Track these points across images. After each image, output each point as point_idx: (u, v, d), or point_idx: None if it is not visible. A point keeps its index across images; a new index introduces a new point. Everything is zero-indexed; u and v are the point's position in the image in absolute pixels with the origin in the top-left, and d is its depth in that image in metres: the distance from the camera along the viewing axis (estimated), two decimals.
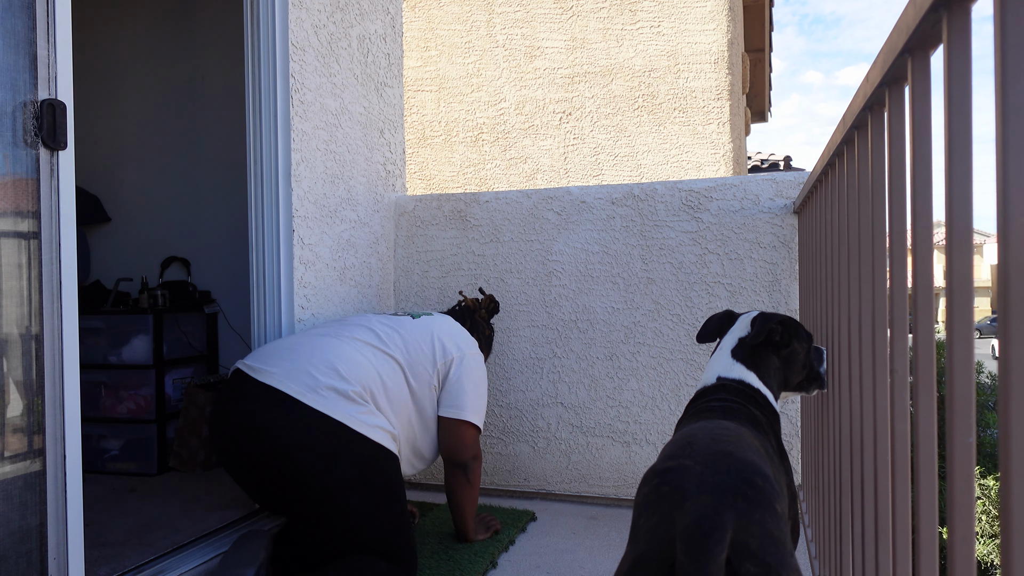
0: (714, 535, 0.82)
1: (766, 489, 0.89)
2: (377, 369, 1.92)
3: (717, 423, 1.12)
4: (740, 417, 1.23)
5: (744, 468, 0.91)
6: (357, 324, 2.06)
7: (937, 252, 3.66)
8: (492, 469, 2.73)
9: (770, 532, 0.84)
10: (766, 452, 1.09)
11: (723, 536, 0.82)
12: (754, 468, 0.92)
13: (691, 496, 0.87)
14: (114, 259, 3.52)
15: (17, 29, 1.41)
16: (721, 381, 1.37)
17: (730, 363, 1.41)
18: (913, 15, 0.75)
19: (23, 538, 1.42)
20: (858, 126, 1.15)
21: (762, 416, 1.28)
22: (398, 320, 2.13)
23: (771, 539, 0.84)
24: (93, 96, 3.51)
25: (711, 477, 0.89)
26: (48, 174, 1.47)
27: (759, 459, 0.97)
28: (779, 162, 8.33)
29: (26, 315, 1.44)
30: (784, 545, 0.85)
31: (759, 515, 0.85)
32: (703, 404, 1.31)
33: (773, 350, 1.43)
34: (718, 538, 0.82)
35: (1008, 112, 0.56)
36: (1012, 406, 0.57)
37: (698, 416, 1.26)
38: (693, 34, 4.84)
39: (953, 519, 0.71)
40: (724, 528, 0.83)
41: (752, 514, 0.85)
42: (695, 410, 1.31)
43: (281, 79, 2.23)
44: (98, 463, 3.00)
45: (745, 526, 0.83)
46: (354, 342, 1.95)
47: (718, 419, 1.19)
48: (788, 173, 2.46)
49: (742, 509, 0.85)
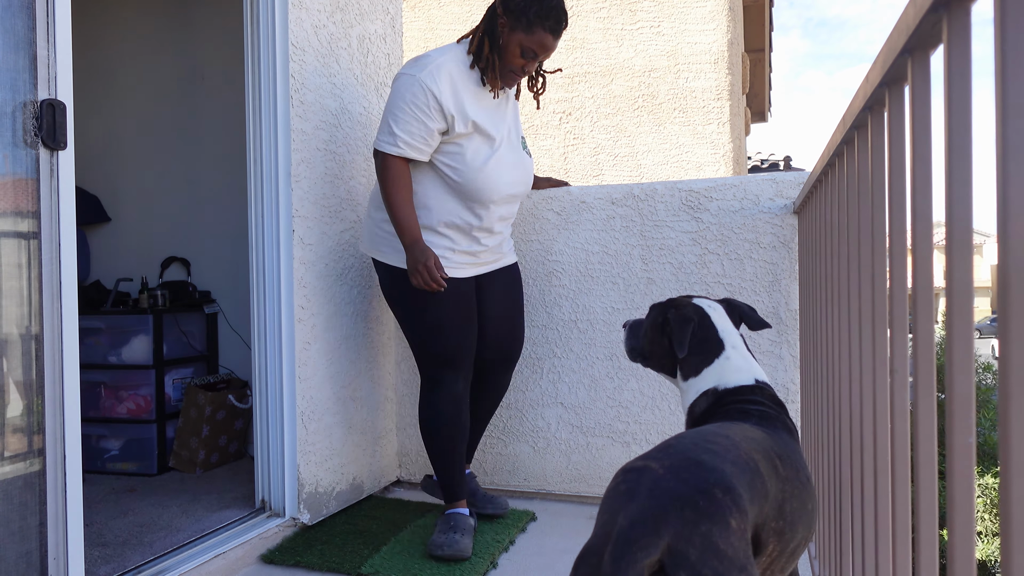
0: (641, 540, 0.83)
1: (723, 502, 0.87)
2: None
3: (722, 427, 1.10)
4: (776, 424, 1.17)
5: (707, 477, 0.90)
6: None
7: (937, 252, 3.67)
8: (492, 469, 2.73)
9: (715, 545, 0.83)
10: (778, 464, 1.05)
11: (652, 543, 0.83)
12: (718, 479, 0.90)
13: (638, 499, 0.88)
14: (114, 259, 3.52)
15: (17, 29, 1.41)
16: (759, 383, 1.28)
17: (756, 364, 1.31)
18: (913, 15, 0.75)
19: (23, 538, 1.42)
20: (858, 126, 1.15)
21: (791, 423, 1.24)
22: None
23: (715, 552, 0.83)
24: (93, 96, 3.51)
25: (666, 483, 0.89)
26: (48, 174, 1.47)
27: (735, 470, 0.94)
28: (779, 162, 8.34)
29: (26, 315, 1.44)
30: (731, 560, 0.84)
31: (706, 527, 0.84)
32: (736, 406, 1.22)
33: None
34: (644, 543, 0.82)
35: (1008, 112, 0.56)
36: (1012, 406, 0.57)
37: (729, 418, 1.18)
38: (693, 34, 4.84)
39: (953, 519, 0.71)
40: (656, 535, 0.83)
41: (698, 525, 0.84)
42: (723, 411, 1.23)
43: (281, 79, 2.23)
44: (98, 463, 3.01)
45: (687, 536, 0.83)
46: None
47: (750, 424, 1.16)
48: (788, 173, 2.46)
49: (688, 518, 0.84)
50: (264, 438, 2.28)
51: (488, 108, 2.15)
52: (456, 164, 2.10)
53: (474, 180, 2.10)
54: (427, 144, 2.08)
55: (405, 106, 2.04)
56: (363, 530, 2.29)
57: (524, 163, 2.28)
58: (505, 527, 2.28)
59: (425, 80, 2.03)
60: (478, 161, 2.11)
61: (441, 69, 2.06)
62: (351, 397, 2.54)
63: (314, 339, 2.34)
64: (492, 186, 2.13)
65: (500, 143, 2.16)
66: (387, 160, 2.06)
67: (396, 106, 2.05)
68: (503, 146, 2.17)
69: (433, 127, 2.05)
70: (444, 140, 2.10)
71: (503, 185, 2.16)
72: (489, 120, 2.14)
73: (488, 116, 2.14)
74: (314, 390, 2.34)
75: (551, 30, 2.07)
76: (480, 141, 2.12)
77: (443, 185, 2.14)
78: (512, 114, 2.27)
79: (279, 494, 2.26)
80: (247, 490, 2.55)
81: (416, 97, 2.03)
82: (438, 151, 2.12)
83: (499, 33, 2.09)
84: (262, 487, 2.29)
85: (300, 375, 2.27)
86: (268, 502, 2.28)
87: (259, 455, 2.30)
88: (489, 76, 2.11)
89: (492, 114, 2.16)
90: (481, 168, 2.11)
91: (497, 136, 2.16)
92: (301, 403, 2.27)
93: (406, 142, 2.04)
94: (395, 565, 2.01)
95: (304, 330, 2.29)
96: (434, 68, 2.05)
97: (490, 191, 2.13)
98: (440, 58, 2.08)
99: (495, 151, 2.14)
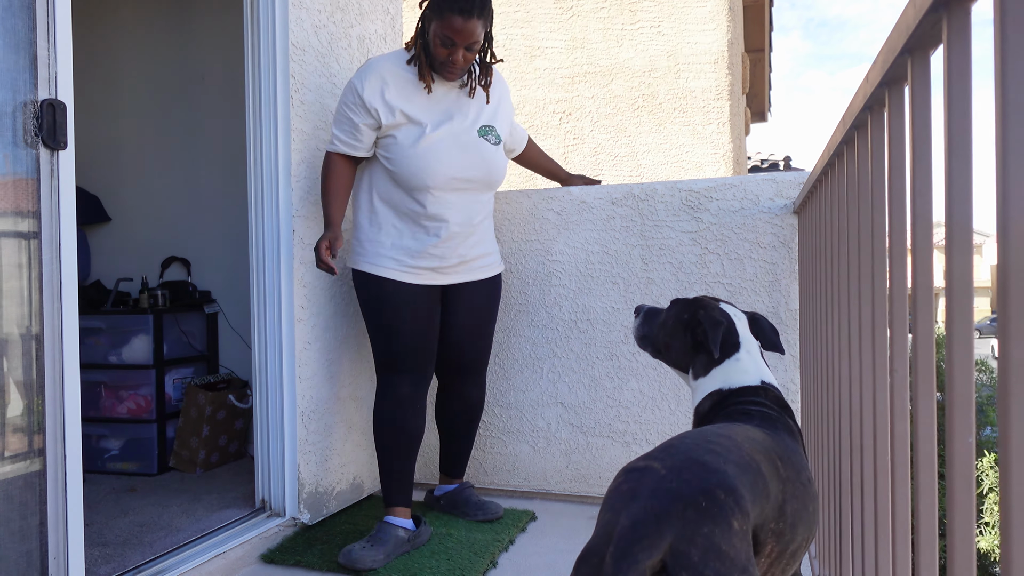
0: (643, 541, 0.83)
1: (726, 503, 0.88)
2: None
3: (724, 428, 1.10)
4: (778, 425, 1.18)
5: (710, 478, 0.90)
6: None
7: (937, 252, 3.66)
8: (492, 469, 2.73)
9: (717, 546, 0.83)
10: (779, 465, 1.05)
11: (654, 543, 0.82)
12: (721, 479, 0.90)
13: (640, 499, 0.88)
14: (114, 259, 3.52)
15: (17, 29, 1.41)
16: (764, 385, 1.28)
17: (765, 367, 1.32)
18: (913, 15, 0.75)
19: (23, 538, 1.42)
20: (858, 126, 1.15)
21: (795, 426, 1.24)
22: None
23: (716, 553, 0.83)
24: (93, 96, 3.51)
25: (669, 483, 0.89)
26: (48, 174, 1.47)
27: (738, 471, 0.94)
28: (779, 162, 8.34)
29: (26, 315, 1.44)
30: (733, 561, 0.84)
31: (708, 528, 0.84)
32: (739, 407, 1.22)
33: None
34: (647, 544, 0.82)
35: (1008, 112, 0.56)
36: (1012, 406, 0.57)
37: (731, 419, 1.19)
38: (693, 34, 4.84)
39: (953, 519, 0.71)
40: (659, 535, 0.83)
41: (700, 525, 0.84)
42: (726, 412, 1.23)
43: (281, 79, 2.23)
44: (98, 463, 3.01)
45: (689, 536, 0.83)
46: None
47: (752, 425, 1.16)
48: (788, 173, 2.46)
49: (690, 519, 0.84)
50: (264, 438, 2.28)
51: (424, 100, 2.21)
52: (390, 154, 2.19)
53: (406, 164, 2.16)
54: (356, 139, 2.18)
55: (341, 107, 2.20)
56: (363, 530, 2.29)
57: (478, 149, 2.24)
58: (505, 527, 2.28)
59: (354, 80, 2.18)
60: (406, 145, 2.17)
61: (371, 68, 2.19)
62: (351, 397, 2.54)
63: (314, 339, 2.34)
64: (425, 169, 2.15)
65: (434, 129, 2.18)
66: (326, 156, 2.23)
67: (337, 109, 2.22)
68: (440, 132, 2.18)
69: (358, 122, 2.16)
70: (381, 134, 2.20)
71: (439, 169, 2.16)
72: (422, 110, 2.20)
73: (422, 107, 2.20)
74: (314, 390, 2.34)
75: (460, 11, 2.08)
76: (412, 129, 2.19)
77: (388, 178, 2.22)
78: (466, 105, 2.26)
79: (279, 494, 2.26)
80: (247, 490, 2.55)
81: (346, 97, 2.18)
82: (379, 145, 2.21)
83: (425, 28, 2.18)
84: (262, 487, 2.29)
85: (300, 375, 2.27)
86: (268, 502, 2.28)
87: (259, 455, 2.30)
88: (421, 70, 2.19)
89: (428, 104, 2.21)
90: (410, 152, 2.16)
91: (432, 124, 2.19)
92: (301, 403, 2.27)
93: (338, 138, 2.19)
94: (394, 565, 2.01)
95: (304, 330, 2.29)
96: (364, 69, 2.20)
97: (424, 174, 2.15)
98: (375, 60, 2.22)
99: (424, 135, 2.17)
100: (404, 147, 2.15)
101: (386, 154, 2.19)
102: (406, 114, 2.17)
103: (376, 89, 2.15)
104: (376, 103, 2.14)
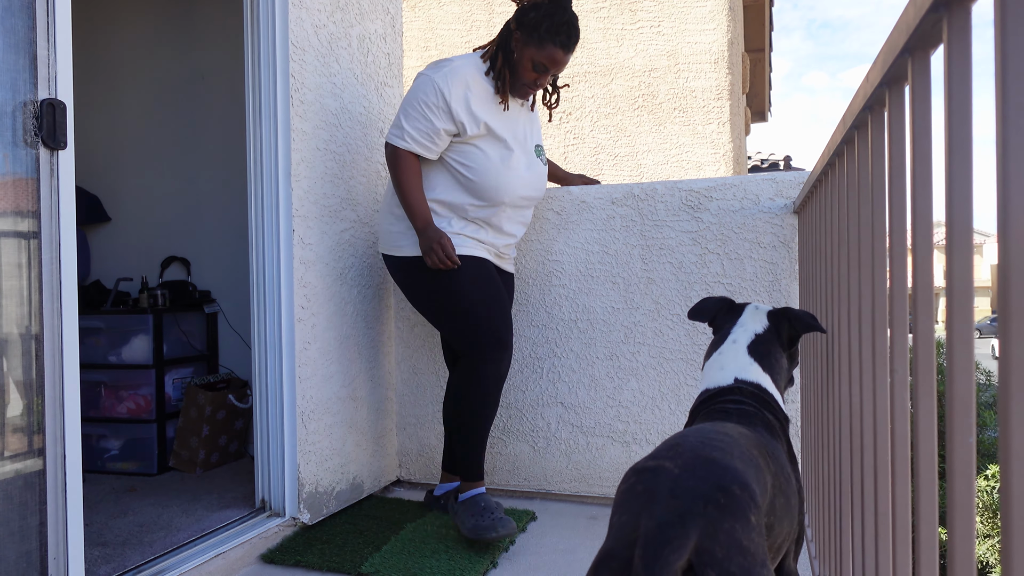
0: (673, 542, 0.82)
1: (742, 498, 0.88)
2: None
3: (716, 426, 1.11)
4: (755, 421, 1.20)
5: (723, 475, 0.90)
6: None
7: (937, 252, 3.67)
8: (492, 469, 2.73)
9: (739, 541, 0.84)
10: (768, 460, 1.07)
11: (683, 544, 0.82)
12: (734, 475, 0.91)
13: (661, 499, 0.87)
14: (114, 259, 3.52)
15: (17, 29, 1.41)
16: (738, 383, 1.31)
17: (747, 362, 1.34)
18: (913, 15, 0.75)
19: (23, 538, 1.42)
20: (858, 126, 1.15)
21: (776, 421, 1.26)
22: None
23: (739, 548, 0.83)
24: (93, 96, 3.51)
25: (685, 481, 0.89)
26: (48, 174, 1.47)
27: (745, 466, 0.95)
28: (779, 162, 8.33)
29: (26, 315, 1.44)
30: (754, 556, 0.84)
31: (729, 523, 0.85)
32: (717, 406, 1.26)
33: (784, 348, 1.38)
34: (677, 545, 0.82)
35: (1008, 112, 0.56)
36: (1012, 406, 0.57)
37: (711, 418, 1.22)
38: (693, 34, 4.84)
39: (953, 519, 0.71)
40: (686, 536, 0.83)
41: (722, 522, 0.84)
42: (707, 411, 1.26)
43: (281, 79, 2.23)
44: (98, 463, 3.01)
45: (712, 533, 0.83)
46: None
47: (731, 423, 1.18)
48: (788, 173, 2.46)
49: (712, 516, 0.85)
50: (264, 438, 2.28)
51: (502, 114, 2.23)
52: (470, 163, 2.18)
53: (487, 180, 2.18)
54: (432, 142, 2.15)
55: (417, 103, 2.14)
56: (363, 530, 2.29)
57: (537, 169, 2.34)
58: None
59: (438, 81, 2.12)
60: (492, 162, 2.18)
61: (456, 73, 2.14)
62: (351, 397, 2.54)
63: (314, 339, 2.34)
64: (504, 187, 2.19)
65: (514, 147, 2.22)
66: (396, 152, 2.17)
67: (409, 103, 2.16)
68: (516, 150, 2.23)
69: (439, 126, 2.13)
70: (458, 141, 2.18)
71: (515, 187, 2.23)
72: (503, 125, 2.21)
73: (502, 121, 2.22)
74: (314, 390, 2.34)
75: (562, 45, 2.14)
76: (494, 144, 2.20)
77: (456, 184, 2.21)
78: (528, 122, 2.34)
79: (279, 494, 2.26)
80: (247, 490, 2.55)
81: (428, 96, 2.13)
82: (453, 150, 2.19)
83: (512, 47, 2.18)
84: (262, 487, 2.29)
85: (300, 375, 2.27)
86: (268, 502, 2.28)
87: (259, 455, 2.30)
88: (501, 88, 2.20)
89: (506, 120, 2.23)
90: (494, 169, 2.18)
91: (511, 140, 2.22)
92: (301, 403, 2.27)
93: (412, 137, 2.14)
94: (395, 565, 2.01)
95: (304, 330, 2.29)
96: (449, 71, 2.14)
97: (502, 192, 2.20)
98: (459, 63, 2.17)
99: (510, 154, 2.21)
100: (492, 163, 2.18)
101: (466, 162, 2.18)
102: (489, 127, 2.18)
103: (461, 97, 2.14)
104: (461, 112, 2.13)
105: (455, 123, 2.14)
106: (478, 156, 2.17)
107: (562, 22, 2.12)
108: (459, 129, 2.15)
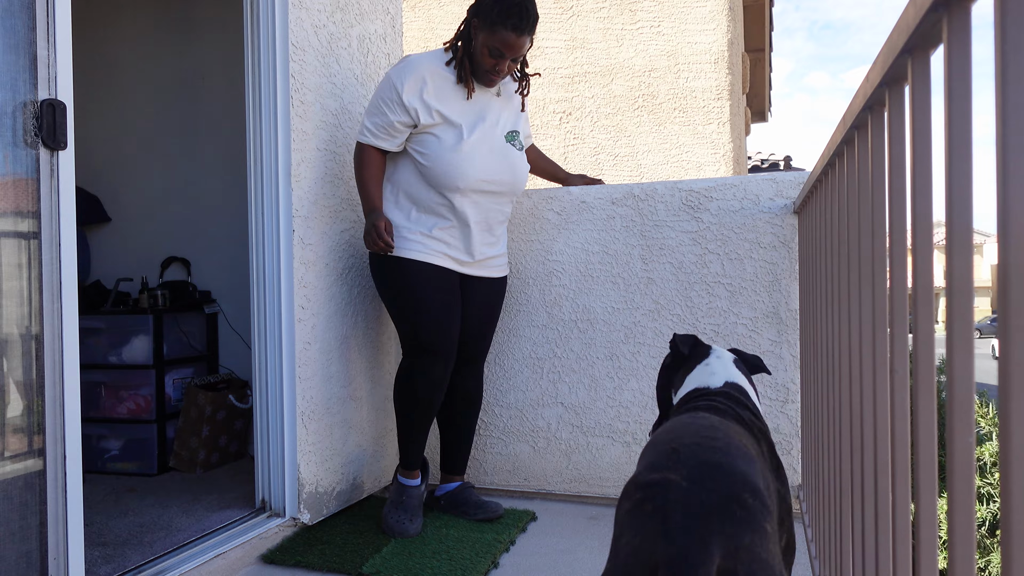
0: (700, 569, 0.80)
1: (755, 508, 0.86)
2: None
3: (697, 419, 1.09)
4: (728, 417, 1.20)
5: (733, 483, 0.88)
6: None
7: (937, 252, 3.67)
8: (492, 469, 2.73)
9: (759, 556, 0.82)
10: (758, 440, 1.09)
11: (710, 569, 0.80)
12: (744, 482, 0.89)
13: (676, 520, 0.84)
14: (114, 259, 3.52)
15: (17, 29, 1.41)
16: (728, 387, 1.35)
17: (736, 372, 1.41)
18: (913, 15, 0.75)
19: (23, 538, 1.42)
20: (858, 126, 1.15)
21: (761, 425, 1.27)
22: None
23: (760, 563, 0.82)
24: (93, 96, 3.51)
25: (696, 496, 0.86)
26: (48, 174, 1.47)
27: (749, 467, 0.94)
28: (779, 162, 8.34)
29: (26, 315, 1.44)
30: (773, 568, 0.83)
31: (747, 538, 0.83)
32: (705, 402, 1.27)
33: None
34: (704, 572, 0.80)
35: (1008, 112, 0.56)
36: (1012, 406, 0.57)
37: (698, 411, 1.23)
38: (693, 34, 4.84)
39: (953, 519, 0.71)
40: (711, 560, 0.81)
41: (741, 538, 0.83)
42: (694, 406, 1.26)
43: (281, 79, 2.23)
44: (98, 463, 3.01)
45: (733, 552, 0.81)
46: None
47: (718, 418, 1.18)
48: (788, 173, 2.46)
49: (730, 533, 0.82)
50: (264, 438, 2.28)
51: (463, 103, 2.27)
52: (425, 150, 2.25)
53: (438, 165, 2.23)
54: (388, 135, 2.24)
55: (377, 100, 2.24)
56: (363, 530, 2.29)
57: (506, 153, 2.33)
58: (505, 527, 2.28)
59: (392, 76, 2.22)
60: (444, 146, 2.23)
61: (411, 66, 2.22)
62: (351, 397, 2.54)
63: (314, 339, 2.34)
64: (456, 170, 2.22)
65: (470, 133, 2.25)
66: (358, 145, 2.29)
67: (372, 101, 2.27)
68: (475, 136, 2.25)
69: (393, 119, 2.21)
70: (416, 131, 2.25)
71: (469, 170, 2.23)
72: (461, 112, 2.26)
73: (461, 108, 2.26)
74: (314, 390, 2.34)
75: (514, 28, 2.16)
76: (449, 130, 2.25)
77: (416, 174, 2.28)
78: (502, 109, 2.36)
79: (279, 494, 2.26)
80: (247, 490, 2.55)
81: (384, 92, 2.23)
82: (413, 141, 2.27)
83: (471, 35, 2.24)
84: (262, 487, 2.29)
85: (300, 375, 2.27)
86: (268, 502, 2.28)
87: (259, 455, 2.30)
88: (463, 76, 2.25)
89: (468, 107, 2.27)
90: (447, 153, 2.22)
91: (469, 126, 2.25)
92: (301, 403, 2.27)
93: (371, 131, 2.25)
94: (395, 565, 2.01)
95: (304, 330, 2.29)
96: (404, 66, 2.23)
97: (454, 176, 2.22)
98: (415, 58, 2.25)
99: (464, 138, 2.23)
100: (444, 148, 2.22)
101: (421, 150, 2.24)
102: (444, 115, 2.23)
103: (415, 89, 2.20)
104: (415, 103, 2.19)
105: (409, 114, 2.20)
106: (431, 142, 2.23)
107: (512, 4, 2.14)
108: (414, 119, 2.21)
